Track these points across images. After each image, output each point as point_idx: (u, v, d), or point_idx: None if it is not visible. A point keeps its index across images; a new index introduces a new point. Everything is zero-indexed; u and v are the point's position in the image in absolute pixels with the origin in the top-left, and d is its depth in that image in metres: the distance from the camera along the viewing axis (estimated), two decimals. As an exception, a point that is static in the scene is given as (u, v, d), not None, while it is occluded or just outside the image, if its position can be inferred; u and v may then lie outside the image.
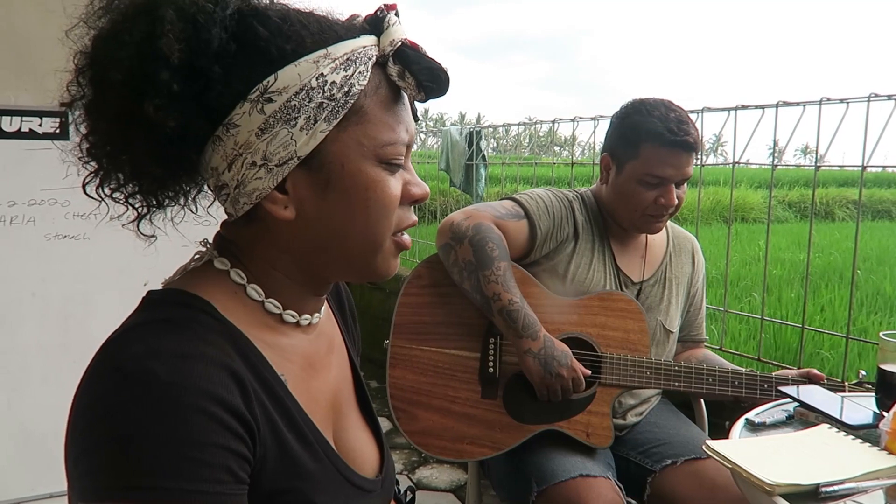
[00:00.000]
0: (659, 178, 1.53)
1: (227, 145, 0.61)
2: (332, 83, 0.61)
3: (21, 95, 2.31)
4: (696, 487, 1.49)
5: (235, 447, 0.56)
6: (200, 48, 0.58)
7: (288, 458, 0.63)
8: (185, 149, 0.62)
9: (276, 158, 0.61)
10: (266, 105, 0.60)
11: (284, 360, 0.67)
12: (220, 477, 0.55)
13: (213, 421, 0.55)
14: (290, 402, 0.65)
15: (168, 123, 0.58)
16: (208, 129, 0.61)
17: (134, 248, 2.29)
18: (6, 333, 2.30)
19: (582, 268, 1.61)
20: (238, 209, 0.64)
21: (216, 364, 0.57)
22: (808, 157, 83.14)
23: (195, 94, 0.59)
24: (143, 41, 0.57)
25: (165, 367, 0.54)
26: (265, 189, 0.62)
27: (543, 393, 1.49)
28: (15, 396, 2.30)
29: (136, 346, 0.57)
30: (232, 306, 0.65)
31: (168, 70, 0.57)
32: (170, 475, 0.52)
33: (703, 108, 2.18)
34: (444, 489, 2.67)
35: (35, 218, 2.29)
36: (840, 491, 0.96)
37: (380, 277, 0.70)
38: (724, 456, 1.07)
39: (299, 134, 0.61)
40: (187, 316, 0.61)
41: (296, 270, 0.68)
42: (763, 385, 1.52)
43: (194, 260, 0.70)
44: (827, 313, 3.83)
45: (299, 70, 0.60)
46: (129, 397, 0.54)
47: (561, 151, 11.13)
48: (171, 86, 0.57)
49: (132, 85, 0.57)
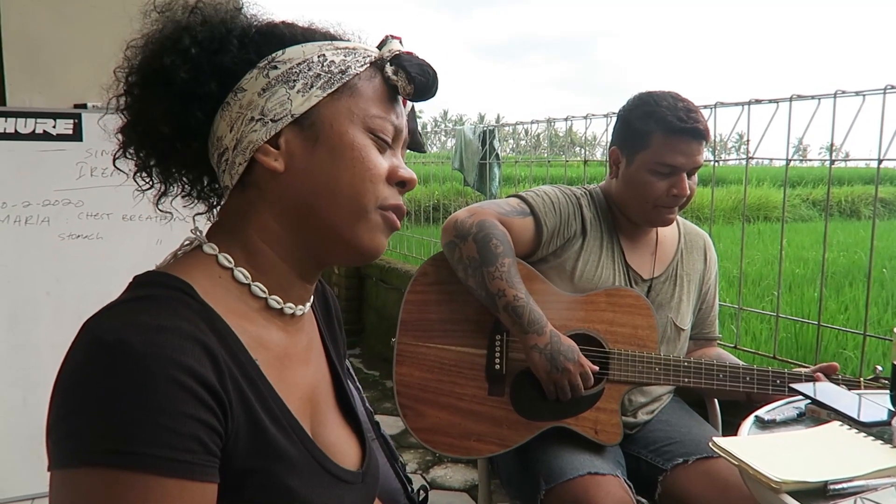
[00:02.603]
0: (670, 167, 1.52)
1: (232, 110, 0.68)
2: (332, 62, 0.69)
3: (35, 98, 2.34)
4: (708, 486, 1.46)
5: (206, 418, 0.57)
6: (223, 28, 0.69)
7: (260, 438, 0.63)
8: (193, 108, 0.68)
9: (273, 114, 0.68)
10: (271, 71, 0.68)
11: (260, 346, 0.68)
12: (190, 446, 0.56)
13: (185, 391, 0.56)
14: (264, 385, 0.66)
15: (180, 74, 0.66)
16: (218, 92, 0.68)
17: (146, 247, 2.34)
18: (21, 332, 2.33)
19: (590, 265, 1.59)
20: (234, 174, 0.69)
21: (190, 337, 0.59)
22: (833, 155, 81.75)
23: (209, 57, 0.67)
24: (180, 23, 0.69)
25: (139, 338, 0.56)
26: (259, 141, 0.68)
27: (551, 389, 1.48)
28: (30, 394, 2.34)
29: (115, 319, 0.59)
30: (213, 290, 0.67)
31: (190, 37, 0.67)
32: (140, 442, 0.54)
33: (717, 102, 2.15)
34: (458, 489, 2.65)
35: (49, 218, 2.32)
36: (849, 489, 0.93)
37: (367, 251, 0.72)
38: (731, 453, 1.05)
39: (296, 95, 0.68)
40: (166, 294, 0.64)
41: (286, 244, 0.71)
42: (775, 381, 1.49)
43: (183, 246, 0.72)
44: (851, 312, 3.76)
45: (304, 49, 0.69)
46: (104, 366, 0.55)
47: (580, 151, 11.16)
48: (190, 49, 0.67)
49: (158, 49, 0.68)
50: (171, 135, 0.69)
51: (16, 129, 2.25)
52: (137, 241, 2.39)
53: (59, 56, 2.37)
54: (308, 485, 0.67)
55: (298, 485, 0.66)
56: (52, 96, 2.36)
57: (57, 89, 2.39)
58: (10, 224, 2.28)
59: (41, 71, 2.34)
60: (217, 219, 0.74)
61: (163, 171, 0.73)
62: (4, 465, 2.33)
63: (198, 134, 0.70)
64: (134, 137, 0.71)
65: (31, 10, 2.35)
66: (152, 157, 0.72)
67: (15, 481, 2.33)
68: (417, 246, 4.51)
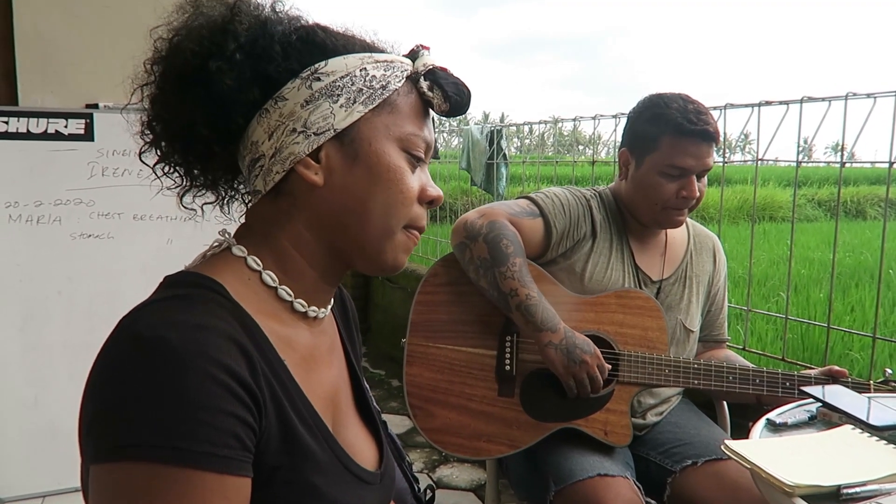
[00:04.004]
0: (680, 169, 1.52)
1: (272, 117, 0.68)
2: (373, 77, 0.70)
3: (47, 98, 2.36)
4: (718, 489, 1.46)
5: (243, 415, 0.59)
6: (265, 33, 0.68)
7: (290, 436, 0.65)
8: (235, 114, 0.68)
9: (316, 127, 0.68)
10: (314, 83, 0.68)
11: (287, 347, 0.69)
12: (228, 442, 0.57)
13: (223, 388, 0.57)
14: (292, 384, 0.67)
15: (226, 82, 0.66)
16: (259, 98, 0.68)
17: (157, 247, 2.35)
18: (33, 331, 2.35)
19: (600, 266, 1.60)
20: (269, 181, 0.69)
21: (226, 336, 0.60)
22: (839, 155, 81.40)
23: (253, 65, 0.67)
24: (219, 23, 0.68)
25: (179, 336, 0.57)
26: (300, 154, 0.68)
27: (570, 384, 1.47)
28: (42, 393, 2.35)
29: (152, 317, 0.60)
30: (243, 291, 0.68)
31: (235, 42, 0.67)
32: (180, 436, 0.55)
33: (727, 104, 2.14)
34: (465, 488, 2.66)
35: (61, 217, 2.34)
36: (862, 493, 0.93)
37: (388, 268, 0.74)
38: (743, 456, 1.05)
39: (339, 110, 0.69)
40: (201, 294, 0.65)
41: (315, 251, 0.72)
42: (785, 383, 1.49)
43: (213, 248, 0.73)
44: (857, 313, 3.75)
45: (347, 61, 0.70)
46: (143, 362, 0.56)
47: (585, 150, 11.06)
48: (235, 54, 0.66)
49: (201, 51, 0.67)
50: (210, 138, 0.69)
51: (28, 128, 2.26)
52: (148, 241, 2.41)
53: (71, 56, 2.38)
54: (332, 484, 0.68)
55: (323, 483, 0.67)
56: (64, 96, 2.37)
57: (69, 89, 2.41)
58: (22, 223, 2.30)
59: (53, 71, 2.36)
60: (245, 221, 0.75)
61: (188, 168, 0.73)
62: (17, 463, 2.35)
63: (236, 138, 0.71)
64: (166, 136, 0.71)
65: (44, 11, 2.36)
66: (187, 158, 0.72)
67: (27, 479, 2.35)
68: (423, 245, 4.52)
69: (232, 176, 0.76)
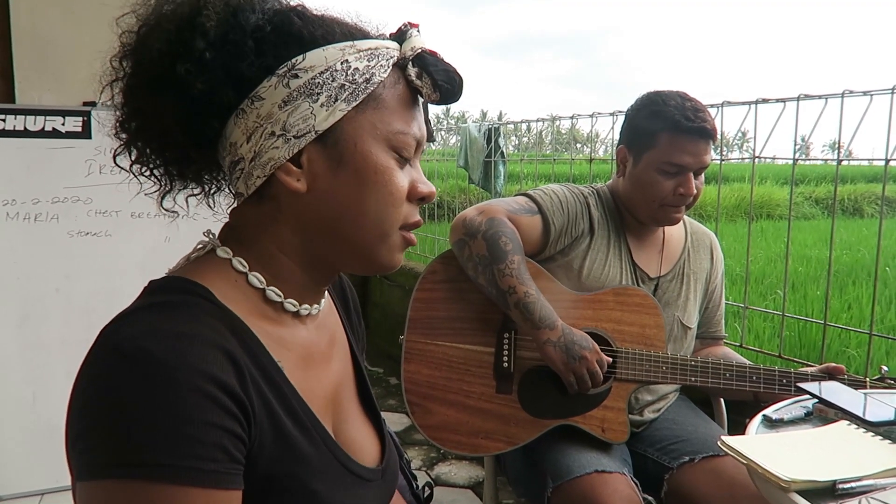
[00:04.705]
0: (677, 167, 1.52)
1: (249, 118, 0.64)
2: (355, 69, 0.65)
3: (44, 95, 2.35)
4: (715, 485, 1.46)
5: (230, 426, 0.57)
6: (236, 25, 0.63)
7: (284, 442, 0.63)
8: (210, 118, 0.64)
9: (295, 130, 0.64)
10: (292, 80, 0.63)
11: (282, 348, 0.68)
12: (215, 455, 0.55)
13: (208, 399, 0.55)
14: (287, 387, 0.65)
15: (196, 86, 0.61)
16: (234, 99, 0.64)
17: (154, 245, 2.34)
18: (31, 329, 2.35)
19: (597, 263, 1.60)
20: (250, 185, 0.66)
21: (211, 344, 0.58)
22: (835, 153, 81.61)
23: (225, 64, 0.62)
24: (186, 16, 0.62)
25: (161, 347, 0.55)
26: (280, 159, 0.64)
27: (571, 380, 1.47)
28: (40, 391, 2.35)
29: (133, 327, 0.58)
30: (231, 294, 0.66)
31: (204, 40, 0.61)
32: (165, 452, 0.53)
33: (723, 101, 2.15)
34: (463, 485, 2.67)
35: (58, 215, 2.34)
36: (858, 488, 0.94)
37: (384, 269, 0.71)
38: (740, 452, 1.05)
39: (319, 109, 0.64)
40: (185, 300, 0.63)
41: (302, 254, 0.69)
42: (782, 380, 1.49)
43: (197, 250, 0.71)
44: (854, 311, 3.76)
45: (326, 54, 0.64)
46: (125, 376, 0.55)
47: (582, 148, 11.09)
48: (204, 53, 0.61)
49: (169, 51, 0.62)
50: (185, 143, 0.66)
51: (25, 126, 2.26)
52: (146, 239, 2.40)
53: (68, 54, 2.38)
54: (331, 487, 0.67)
55: (322, 488, 0.65)
56: (62, 94, 2.37)
57: (66, 87, 2.40)
58: (19, 221, 2.30)
59: (51, 69, 2.35)
60: (229, 221, 0.72)
61: (166, 170, 0.70)
62: (15, 460, 2.35)
63: (212, 140, 0.67)
64: (142, 137, 0.67)
65: (41, 8, 2.36)
66: (165, 158, 0.69)
67: (25, 477, 2.35)
68: (421, 242, 4.52)
69: (217, 170, 0.72)
